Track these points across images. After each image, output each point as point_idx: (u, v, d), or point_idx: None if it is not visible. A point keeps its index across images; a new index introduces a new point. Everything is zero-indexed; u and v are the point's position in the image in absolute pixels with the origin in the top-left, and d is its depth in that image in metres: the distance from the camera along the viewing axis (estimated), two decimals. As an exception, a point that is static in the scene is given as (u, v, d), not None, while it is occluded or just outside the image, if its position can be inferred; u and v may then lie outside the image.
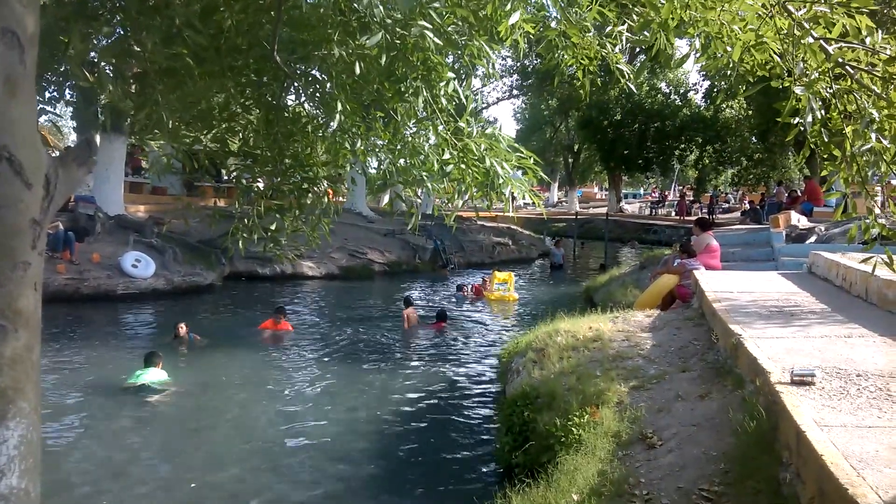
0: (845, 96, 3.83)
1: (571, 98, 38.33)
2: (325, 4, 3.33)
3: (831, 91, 3.79)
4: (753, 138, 35.59)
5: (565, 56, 4.38)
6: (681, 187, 52.91)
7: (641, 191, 68.35)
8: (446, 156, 3.60)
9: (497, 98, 40.40)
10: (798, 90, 3.67)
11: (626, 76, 4.52)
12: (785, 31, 3.79)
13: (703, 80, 38.81)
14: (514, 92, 40.76)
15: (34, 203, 1.96)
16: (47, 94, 4.22)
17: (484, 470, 6.54)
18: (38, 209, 1.97)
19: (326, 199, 4.49)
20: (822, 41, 3.66)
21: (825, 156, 4.04)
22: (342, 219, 5.25)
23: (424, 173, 3.76)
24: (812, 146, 3.91)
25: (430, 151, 3.75)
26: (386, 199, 37.31)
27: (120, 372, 8.77)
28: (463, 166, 3.63)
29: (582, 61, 4.45)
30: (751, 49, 3.94)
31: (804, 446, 3.06)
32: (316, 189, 4.38)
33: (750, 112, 31.85)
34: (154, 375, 8.53)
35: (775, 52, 3.93)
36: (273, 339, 11.54)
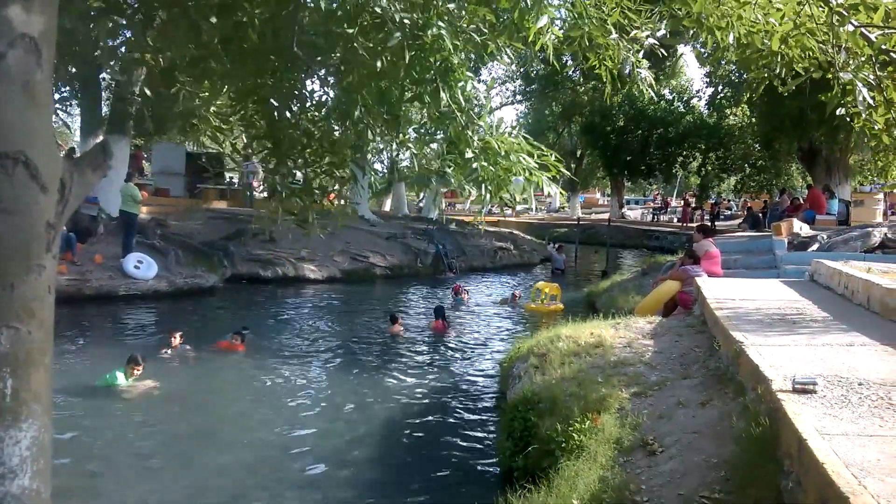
0: (890, 83, 3.79)
1: (574, 104, 38.41)
2: (342, 6, 3.33)
3: (875, 79, 3.75)
4: (757, 146, 35.62)
5: (589, 56, 4.38)
6: (692, 193, 52.63)
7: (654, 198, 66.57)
8: (468, 154, 3.62)
9: (500, 103, 40.43)
10: (845, 76, 3.63)
11: (648, 83, 4.53)
12: (823, 20, 3.74)
13: (707, 87, 38.85)
14: (518, 97, 40.79)
15: (49, 207, 1.99)
16: (57, 95, 4.24)
17: (484, 474, 6.55)
18: (53, 213, 2.00)
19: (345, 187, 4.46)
20: (862, 29, 3.62)
21: (873, 144, 4.01)
22: (344, 221, 5.20)
23: (447, 168, 3.77)
24: (868, 132, 3.85)
25: (454, 149, 3.75)
26: (388, 203, 37.34)
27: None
28: (485, 163, 3.65)
29: (605, 62, 4.44)
30: (788, 39, 3.89)
31: (805, 455, 3.08)
32: (343, 173, 4.35)
33: (753, 119, 31.89)
34: (121, 379, 8.58)
35: (815, 42, 3.89)
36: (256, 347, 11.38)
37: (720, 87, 34.18)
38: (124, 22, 3.60)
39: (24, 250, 1.94)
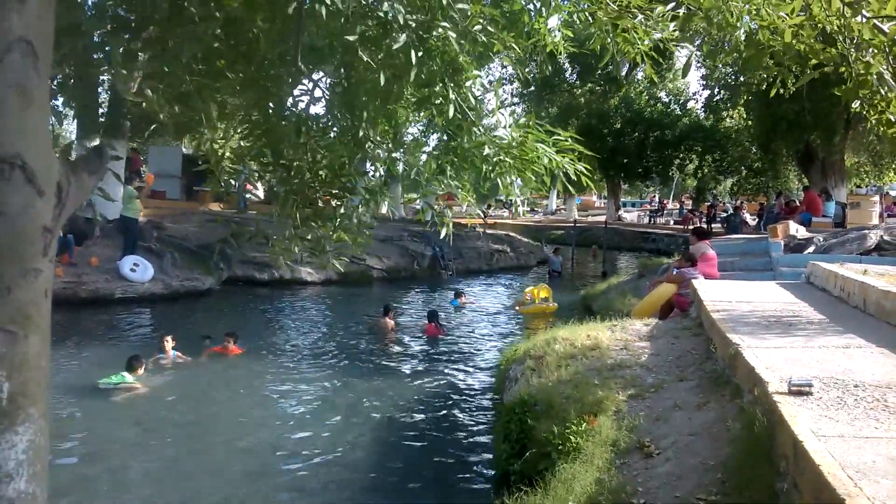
0: None
1: (571, 106, 38.42)
2: (345, 12, 3.29)
3: (889, 69, 3.73)
4: (753, 148, 35.67)
5: (619, 42, 4.31)
6: (688, 195, 52.49)
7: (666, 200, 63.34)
8: (486, 151, 3.59)
9: (497, 105, 40.27)
10: (868, 60, 3.61)
11: (691, 55, 4.45)
12: (834, 11, 3.71)
13: (704, 90, 38.90)
14: (515, 100, 40.77)
15: (46, 211, 1.98)
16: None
17: (481, 477, 6.55)
18: (50, 217, 2.00)
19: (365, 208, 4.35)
20: (875, 20, 3.60)
21: (891, 133, 3.98)
22: (363, 247, 4.91)
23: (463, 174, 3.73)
24: (884, 124, 3.83)
25: (470, 153, 3.71)
26: (385, 205, 37.23)
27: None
28: (503, 157, 3.63)
29: (637, 46, 4.36)
30: (800, 33, 3.85)
31: (801, 456, 3.08)
32: (352, 196, 4.26)
33: (750, 122, 31.93)
34: (129, 378, 8.64)
35: (827, 29, 3.85)
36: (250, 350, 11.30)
37: (717, 90, 34.19)
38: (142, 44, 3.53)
39: (20, 254, 1.93)
